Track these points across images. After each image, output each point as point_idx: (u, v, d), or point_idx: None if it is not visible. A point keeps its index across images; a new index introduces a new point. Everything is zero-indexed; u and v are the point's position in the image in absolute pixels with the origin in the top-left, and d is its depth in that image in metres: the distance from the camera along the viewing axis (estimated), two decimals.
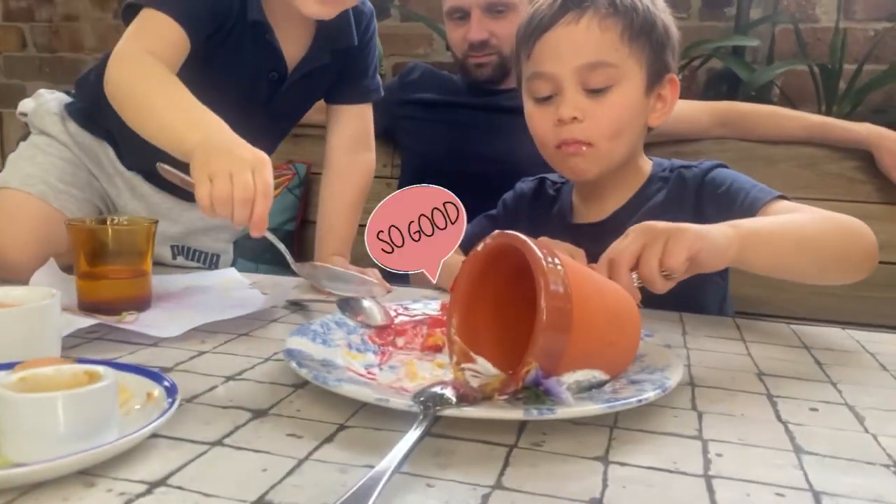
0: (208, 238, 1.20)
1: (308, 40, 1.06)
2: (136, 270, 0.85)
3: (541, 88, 0.96)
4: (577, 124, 0.93)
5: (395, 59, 2.34)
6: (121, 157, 1.10)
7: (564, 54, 0.93)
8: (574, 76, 0.93)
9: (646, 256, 0.70)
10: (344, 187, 1.14)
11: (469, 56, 1.54)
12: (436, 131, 1.60)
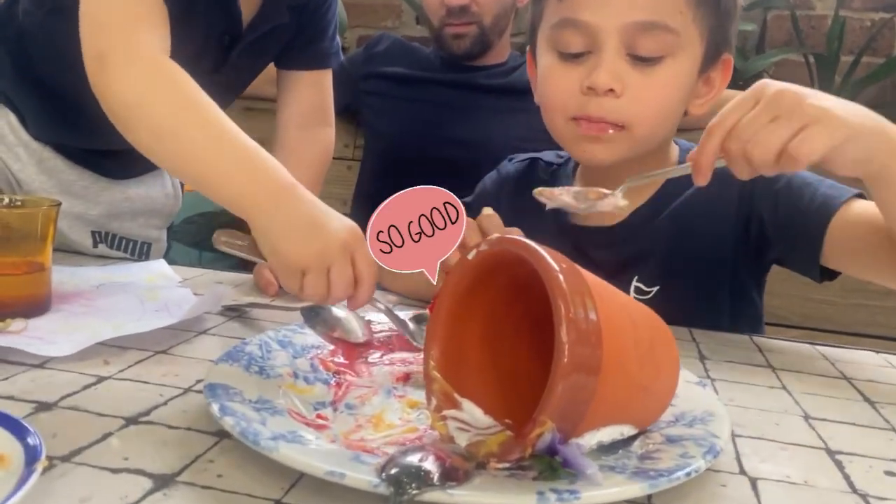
0: (136, 224, 1.02)
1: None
2: (31, 264, 0.68)
3: (572, 42, 0.75)
4: (611, 99, 0.73)
5: (360, 31, 2.16)
6: (24, 124, 0.92)
7: (614, 2, 0.72)
8: (620, 34, 0.72)
9: (769, 133, 0.56)
10: (299, 169, 0.94)
11: (446, 25, 1.38)
12: (404, 109, 1.44)
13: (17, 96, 0.90)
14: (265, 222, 0.61)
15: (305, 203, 0.62)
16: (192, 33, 0.81)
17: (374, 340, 0.61)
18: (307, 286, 0.60)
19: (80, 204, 0.96)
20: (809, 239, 0.73)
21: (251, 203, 0.62)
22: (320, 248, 0.59)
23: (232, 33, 0.86)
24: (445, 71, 1.44)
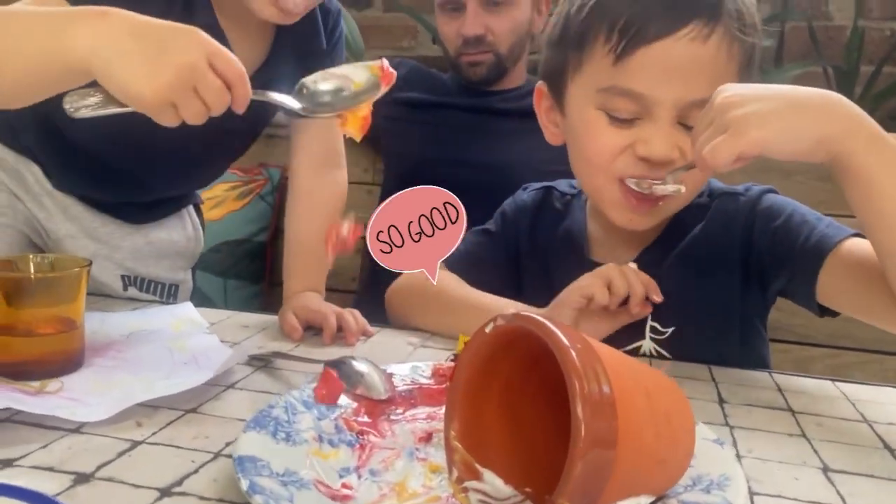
0: (162, 267, 1.05)
1: (268, 44, 0.89)
2: (64, 322, 0.70)
3: (623, 108, 0.74)
4: (665, 169, 0.73)
5: (378, 52, 2.18)
6: (49, 176, 0.94)
7: (678, 79, 0.71)
8: (677, 107, 0.72)
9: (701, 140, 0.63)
10: (313, 212, 0.97)
11: (462, 53, 1.40)
12: (423, 134, 1.46)
13: (42, 152, 0.93)
14: (99, 61, 0.60)
15: (133, 25, 0.61)
16: None
17: (396, 396, 0.62)
18: (184, 114, 0.61)
19: (105, 248, 0.99)
20: (805, 276, 0.75)
21: (79, 43, 0.60)
22: (174, 72, 0.59)
23: None
24: (462, 95, 1.46)
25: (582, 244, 0.87)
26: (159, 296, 1.04)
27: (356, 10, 2.16)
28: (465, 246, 0.94)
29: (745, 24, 0.73)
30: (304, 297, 0.91)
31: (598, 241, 0.88)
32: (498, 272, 0.91)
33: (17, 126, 0.92)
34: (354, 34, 1.91)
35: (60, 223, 0.96)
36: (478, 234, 0.95)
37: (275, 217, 1.66)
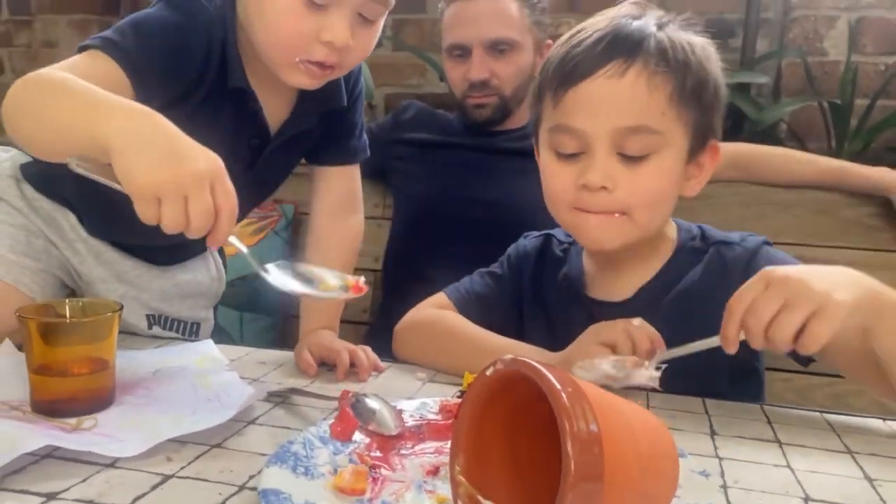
0: (185, 306, 1.10)
1: (292, 102, 0.95)
2: (96, 362, 0.76)
3: (566, 144, 0.84)
4: (605, 194, 0.81)
5: (387, 89, 2.26)
6: (82, 223, 1.01)
7: (602, 112, 0.80)
8: (609, 138, 0.80)
9: (784, 321, 0.64)
10: (330, 254, 1.03)
11: (468, 96, 1.47)
12: (431, 173, 1.52)
13: (77, 201, 0.99)
14: (120, 145, 0.64)
15: (163, 128, 0.65)
16: (220, 137, 0.89)
17: (405, 431, 0.67)
18: (164, 215, 0.63)
19: (133, 290, 1.04)
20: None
21: (106, 123, 0.65)
22: (175, 174, 0.62)
23: (260, 137, 0.94)
24: (468, 136, 1.52)
25: (580, 286, 0.92)
26: (182, 333, 1.10)
27: None
28: (473, 286, 0.99)
29: (668, 59, 0.80)
30: (318, 334, 0.96)
31: (596, 280, 0.93)
32: (501, 313, 0.96)
33: (54, 177, 0.97)
34: (365, 73, 1.97)
35: (93, 267, 1.02)
36: (484, 276, 1.01)
37: (289, 252, 1.72)
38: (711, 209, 1.51)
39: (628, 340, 0.75)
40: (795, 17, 1.87)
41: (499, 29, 1.40)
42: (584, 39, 0.82)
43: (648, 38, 0.81)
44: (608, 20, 0.84)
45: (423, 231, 1.49)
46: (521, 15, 1.42)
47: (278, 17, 0.81)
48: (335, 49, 0.81)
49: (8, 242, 0.96)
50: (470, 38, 1.42)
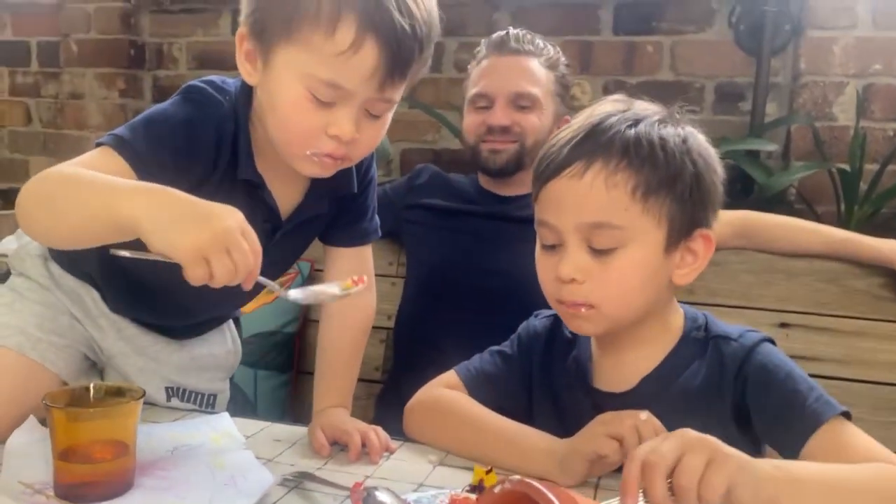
0: (203, 378, 1.13)
1: (304, 188, 0.99)
2: (118, 445, 0.78)
3: (546, 236, 0.89)
4: (576, 285, 0.85)
5: (403, 144, 2.31)
6: (105, 299, 1.04)
7: (566, 209, 0.85)
8: (576, 232, 0.85)
9: (686, 467, 0.64)
10: (343, 333, 1.06)
11: (485, 140, 1.49)
12: (443, 240, 1.54)
13: (100, 279, 1.03)
14: (153, 224, 0.71)
15: (182, 197, 0.73)
16: None
17: None
18: (216, 270, 0.70)
19: (153, 363, 1.08)
20: (790, 447, 0.80)
21: (129, 215, 0.72)
22: (213, 233, 0.70)
23: (272, 221, 0.98)
24: (481, 203, 1.55)
25: (586, 374, 0.93)
26: (199, 404, 1.12)
27: None
28: (483, 365, 1.01)
29: (630, 156, 0.83)
30: (332, 413, 0.99)
31: (601, 367, 0.94)
32: (511, 394, 0.98)
33: (78, 256, 1.02)
34: None
35: (114, 342, 1.05)
36: (494, 354, 1.02)
37: (304, 309, 1.75)
38: (719, 277, 1.53)
39: (635, 435, 0.77)
40: (804, 82, 1.90)
41: (525, 84, 1.45)
42: (560, 139, 0.88)
43: (614, 136, 0.84)
44: (586, 118, 0.88)
45: (434, 298, 1.51)
46: (547, 80, 1.48)
47: (288, 113, 0.85)
48: (342, 142, 0.85)
49: (35, 320, 0.99)
50: (495, 90, 1.46)
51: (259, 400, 1.66)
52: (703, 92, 2.02)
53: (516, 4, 2.14)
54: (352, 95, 0.82)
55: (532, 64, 1.48)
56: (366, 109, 0.85)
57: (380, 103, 0.86)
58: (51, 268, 1.04)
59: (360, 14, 0.78)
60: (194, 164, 0.89)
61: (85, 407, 0.80)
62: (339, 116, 0.83)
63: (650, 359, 0.90)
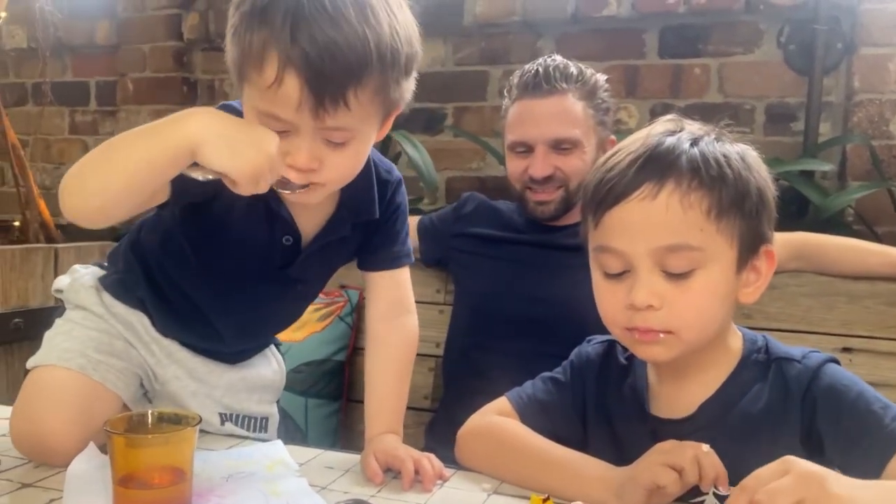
0: (253, 400, 1.15)
1: (330, 212, 1.02)
2: (176, 472, 0.79)
3: (611, 264, 0.85)
4: (652, 312, 0.82)
5: (449, 173, 2.32)
6: (155, 324, 1.08)
7: (639, 234, 0.82)
8: (650, 257, 0.82)
9: None
10: (388, 358, 1.08)
11: (529, 188, 1.48)
12: (491, 268, 1.53)
13: (151, 303, 1.06)
14: (211, 144, 0.80)
15: (229, 118, 0.84)
16: (254, 233, 1.00)
17: None
18: (264, 187, 0.83)
19: (205, 387, 1.10)
20: (867, 467, 0.76)
21: (187, 131, 0.80)
22: (267, 156, 0.81)
23: (292, 235, 1.01)
24: (528, 231, 1.53)
25: (643, 401, 0.91)
26: (252, 429, 1.14)
27: (429, 136, 2.31)
28: (535, 392, 1.00)
29: (701, 175, 0.81)
30: (383, 440, 0.98)
31: (659, 393, 0.92)
32: (564, 421, 0.96)
33: (128, 282, 1.06)
34: (425, 159, 2.04)
35: (167, 366, 1.07)
36: (547, 381, 1.00)
37: (353, 337, 1.76)
38: (778, 301, 1.49)
39: (696, 467, 0.74)
40: (859, 100, 1.86)
41: (562, 129, 1.42)
42: (618, 162, 0.85)
43: (680, 156, 0.82)
44: (641, 140, 0.86)
45: (483, 326, 1.49)
46: (585, 115, 1.43)
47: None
48: (302, 171, 0.87)
49: (94, 345, 1.02)
50: (533, 137, 1.43)
51: (310, 428, 1.66)
52: (753, 113, 1.99)
53: (560, 31, 2.15)
54: (295, 126, 0.84)
55: (567, 102, 1.42)
56: (325, 139, 0.85)
57: (333, 132, 0.85)
58: (103, 297, 1.07)
59: (279, 50, 0.80)
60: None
61: (144, 433, 0.81)
62: (293, 146, 0.85)
63: (710, 383, 0.88)
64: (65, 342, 1.02)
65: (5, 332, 1.52)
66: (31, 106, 2.87)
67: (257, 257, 1.01)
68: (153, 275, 1.06)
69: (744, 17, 1.96)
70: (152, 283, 1.06)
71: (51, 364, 0.98)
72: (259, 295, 1.05)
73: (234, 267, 1.02)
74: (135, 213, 0.90)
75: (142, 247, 1.08)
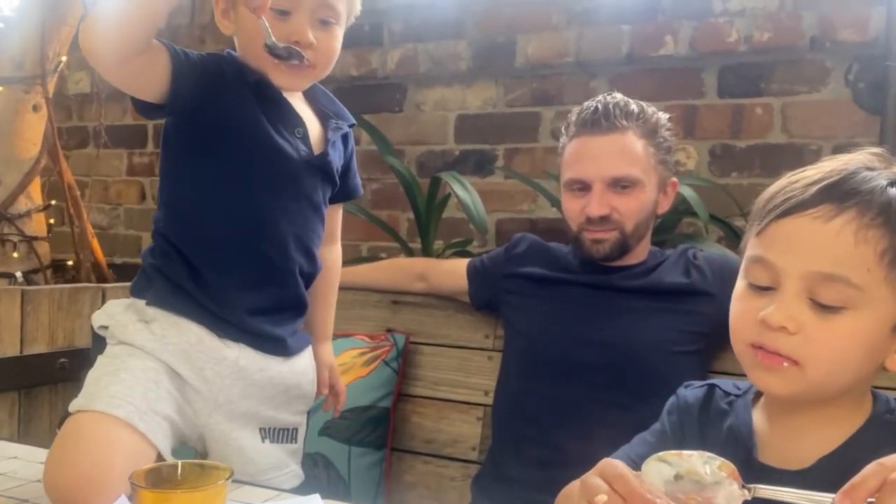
0: (290, 411, 1.16)
1: (315, 115, 1.13)
2: None
3: (759, 276, 0.79)
4: (784, 335, 0.75)
5: (499, 214, 2.28)
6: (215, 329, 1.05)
7: (798, 251, 0.76)
8: (801, 280, 0.75)
9: None
10: (327, 281, 1.24)
11: (585, 229, 1.42)
12: (544, 310, 1.47)
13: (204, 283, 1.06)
14: None
15: None
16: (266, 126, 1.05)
17: None
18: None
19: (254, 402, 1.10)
20: None
21: None
22: None
23: (302, 126, 1.09)
24: (583, 272, 1.47)
25: (750, 446, 0.83)
26: (285, 440, 1.15)
27: (479, 177, 2.28)
28: (637, 451, 0.92)
29: (889, 215, 0.74)
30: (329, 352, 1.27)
31: (769, 442, 0.83)
32: None
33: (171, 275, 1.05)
34: (476, 200, 1.99)
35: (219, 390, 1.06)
36: (644, 436, 0.94)
37: (399, 382, 1.70)
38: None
39: None
40: None
41: (622, 167, 1.36)
42: (804, 178, 0.79)
43: (873, 189, 0.75)
44: (838, 164, 0.79)
45: (533, 370, 1.43)
46: (646, 153, 1.38)
47: (252, 35, 1.02)
48: (303, 48, 1.02)
49: (141, 389, 0.98)
50: (591, 175, 1.38)
51: (353, 478, 1.60)
52: (819, 154, 1.90)
53: (614, 71, 2.11)
54: (299, 2, 1.01)
55: (628, 140, 1.37)
56: (317, 19, 1.03)
57: (325, 9, 1.04)
58: (153, 328, 1.04)
59: None
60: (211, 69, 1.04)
61: (173, 486, 0.76)
62: (294, 25, 1.02)
63: (831, 438, 0.79)
64: (111, 385, 0.98)
65: (50, 373, 1.51)
66: (91, 148, 2.95)
67: (275, 155, 1.05)
68: (192, 243, 1.06)
69: (808, 54, 1.89)
70: (195, 253, 1.06)
71: (96, 410, 0.95)
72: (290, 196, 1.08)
73: (260, 178, 1.05)
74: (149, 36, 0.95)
75: (169, 223, 1.08)
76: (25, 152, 1.96)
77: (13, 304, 1.44)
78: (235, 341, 1.06)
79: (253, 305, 1.07)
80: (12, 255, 1.91)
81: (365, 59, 2.36)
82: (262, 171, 1.04)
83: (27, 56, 1.93)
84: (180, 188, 1.07)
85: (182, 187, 1.07)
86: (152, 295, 1.05)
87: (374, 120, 2.26)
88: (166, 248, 1.07)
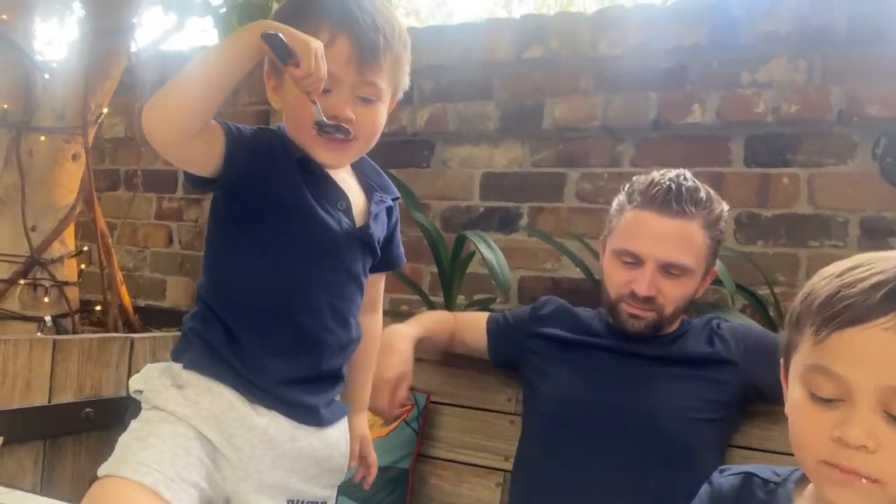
0: (321, 483, 1.14)
1: (360, 187, 1.16)
2: None
3: (825, 388, 0.76)
4: (863, 454, 0.72)
5: (522, 272, 2.28)
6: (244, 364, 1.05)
7: (872, 366, 0.73)
8: (876, 394, 0.73)
9: None
10: (366, 351, 1.24)
11: (626, 301, 1.41)
12: (569, 374, 1.47)
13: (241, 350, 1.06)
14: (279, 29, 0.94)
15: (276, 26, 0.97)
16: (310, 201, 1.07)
17: None
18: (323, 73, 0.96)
19: (284, 473, 1.08)
20: None
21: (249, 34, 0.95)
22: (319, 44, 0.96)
23: (344, 200, 1.11)
24: (609, 338, 1.47)
25: None
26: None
27: (503, 234, 2.29)
28: None
29: None
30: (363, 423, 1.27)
31: None
32: None
33: (211, 339, 1.06)
34: (499, 258, 2.00)
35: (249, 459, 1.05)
36: None
37: (419, 443, 1.70)
38: None
39: None
40: None
41: (679, 254, 1.36)
42: (861, 279, 0.75)
43: None
44: (891, 263, 0.76)
45: (557, 433, 1.42)
46: (703, 244, 1.38)
47: (295, 109, 1.06)
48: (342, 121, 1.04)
49: (170, 456, 0.98)
50: (647, 254, 1.37)
51: None
52: (846, 226, 1.90)
53: (640, 137, 2.13)
54: (339, 80, 1.03)
55: (692, 228, 1.37)
56: (357, 96, 1.05)
57: (365, 86, 1.05)
58: (187, 394, 1.04)
59: (333, 20, 1.03)
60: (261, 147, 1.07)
61: None
62: (334, 101, 1.04)
63: None
64: (141, 451, 0.98)
65: (75, 422, 1.51)
66: (122, 191, 3.01)
67: (317, 227, 1.06)
68: (229, 308, 1.06)
69: (836, 128, 1.90)
70: (232, 318, 1.06)
71: (123, 476, 0.95)
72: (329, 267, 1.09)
73: (301, 248, 1.06)
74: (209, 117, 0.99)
75: (210, 289, 1.09)
76: (62, 199, 1.99)
77: (44, 354, 1.46)
78: (267, 408, 1.06)
79: (287, 373, 1.07)
80: (43, 299, 1.94)
81: (395, 116, 2.41)
82: (303, 242, 1.06)
83: (68, 107, 1.98)
84: (223, 255, 1.09)
85: (225, 254, 1.09)
86: (189, 358, 1.06)
87: (402, 175, 2.29)
88: (206, 313, 1.08)
